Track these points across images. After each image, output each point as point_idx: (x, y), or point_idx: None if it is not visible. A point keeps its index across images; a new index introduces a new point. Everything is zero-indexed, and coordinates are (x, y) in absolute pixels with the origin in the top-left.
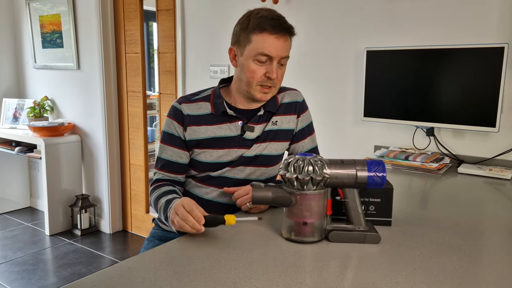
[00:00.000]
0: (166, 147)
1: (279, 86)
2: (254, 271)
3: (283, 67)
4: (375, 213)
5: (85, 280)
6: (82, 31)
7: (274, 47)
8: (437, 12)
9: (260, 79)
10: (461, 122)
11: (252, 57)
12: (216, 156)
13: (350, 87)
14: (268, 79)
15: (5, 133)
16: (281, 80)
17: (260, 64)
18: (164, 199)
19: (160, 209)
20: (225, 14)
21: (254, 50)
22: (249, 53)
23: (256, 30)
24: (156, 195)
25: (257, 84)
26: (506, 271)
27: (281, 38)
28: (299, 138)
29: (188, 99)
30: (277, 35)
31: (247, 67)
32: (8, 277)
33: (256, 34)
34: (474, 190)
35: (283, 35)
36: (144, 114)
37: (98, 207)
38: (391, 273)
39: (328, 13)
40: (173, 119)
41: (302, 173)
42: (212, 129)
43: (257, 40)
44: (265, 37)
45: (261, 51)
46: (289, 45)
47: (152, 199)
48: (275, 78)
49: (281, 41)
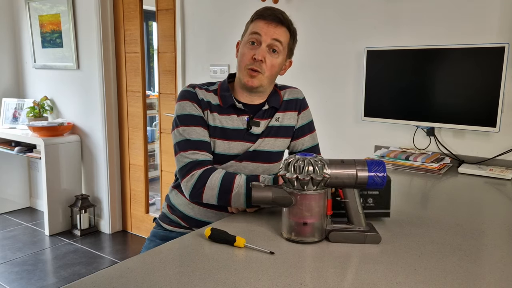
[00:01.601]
0: (192, 128)
1: (268, 75)
2: (254, 271)
3: (276, 57)
4: (374, 206)
5: (85, 280)
6: (82, 30)
7: (264, 29)
8: (438, 12)
9: (248, 62)
10: (462, 122)
11: (246, 41)
12: (223, 147)
13: (350, 87)
14: (255, 61)
15: (4, 133)
16: (272, 70)
17: (250, 48)
18: (241, 177)
19: (241, 186)
20: (225, 14)
21: (247, 34)
22: (244, 39)
23: (253, 19)
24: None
25: (246, 68)
26: (506, 271)
27: (273, 23)
28: (298, 135)
29: (200, 87)
30: (269, 20)
31: (240, 52)
32: (7, 277)
33: (253, 22)
34: (474, 190)
35: (275, 21)
36: (144, 114)
37: (97, 207)
38: (392, 273)
39: (328, 13)
40: (190, 101)
41: (302, 173)
42: (220, 119)
43: (251, 26)
44: (258, 22)
45: (252, 30)
46: (282, 33)
47: (217, 182)
48: (262, 61)
49: (272, 26)
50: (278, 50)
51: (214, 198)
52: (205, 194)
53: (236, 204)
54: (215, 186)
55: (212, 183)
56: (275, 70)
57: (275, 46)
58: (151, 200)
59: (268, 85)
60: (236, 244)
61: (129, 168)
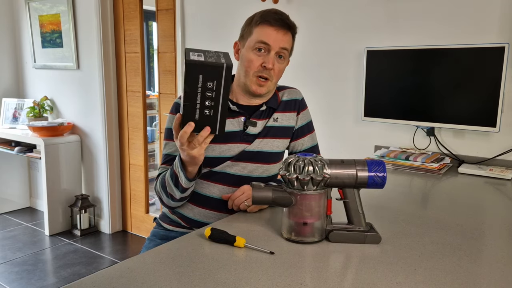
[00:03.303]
0: (171, 142)
1: (276, 81)
2: (254, 271)
3: (282, 62)
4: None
5: (85, 280)
6: (82, 30)
7: (273, 37)
8: (437, 12)
9: (257, 69)
10: (462, 122)
11: (252, 47)
12: (218, 151)
13: (350, 87)
14: (265, 69)
15: (4, 133)
16: (279, 75)
17: (258, 54)
18: (167, 172)
19: (170, 178)
20: (225, 13)
21: (254, 39)
22: (249, 44)
23: (258, 22)
24: (159, 180)
25: (254, 75)
26: (506, 271)
27: (281, 30)
28: (298, 135)
29: None
30: (277, 27)
31: (246, 57)
32: (7, 278)
33: (258, 26)
34: (474, 190)
35: (283, 28)
36: (144, 114)
37: (97, 207)
38: (392, 273)
39: (328, 13)
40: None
41: (303, 173)
42: None
43: (257, 31)
44: (265, 28)
45: (260, 39)
46: (289, 40)
47: (159, 188)
48: (272, 69)
49: (280, 34)
50: (285, 56)
51: (167, 200)
52: (164, 201)
53: (175, 194)
54: (160, 191)
55: (158, 190)
56: (281, 75)
57: (282, 53)
58: (151, 200)
59: (273, 89)
60: (236, 244)
61: (129, 168)
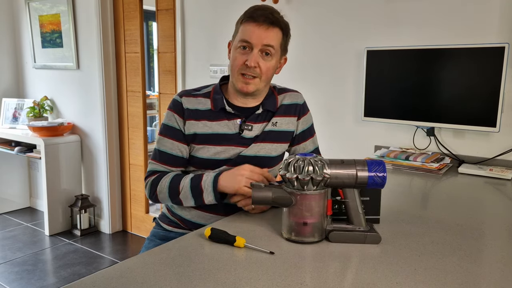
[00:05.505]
0: (166, 139)
1: (265, 79)
2: (254, 271)
3: (269, 60)
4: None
5: (85, 280)
6: (82, 30)
7: (255, 34)
8: (437, 12)
9: (240, 67)
10: (462, 122)
11: (236, 46)
12: (213, 152)
13: (350, 87)
14: (247, 67)
15: (4, 133)
16: (267, 73)
17: (242, 52)
18: (186, 179)
19: (190, 189)
20: (225, 13)
21: (238, 38)
22: (235, 43)
23: (242, 20)
24: (168, 180)
25: (238, 73)
26: (506, 271)
27: (263, 26)
28: (300, 140)
29: (189, 93)
30: (259, 23)
31: (232, 56)
32: (7, 278)
33: (242, 24)
34: (474, 190)
35: (266, 24)
36: (144, 114)
37: (97, 207)
38: (392, 273)
39: (328, 13)
40: (174, 111)
41: (302, 173)
42: (210, 125)
43: (241, 29)
44: (248, 25)
45: (242, 37)
46: (274, 36)
47: (165, 187)
48: (255, 67)
49: (262, 29)
50: (271, 53)
51: (167, 200)
52: (160, 198)
53: (188, 203)
54: (164, 190)
55: (162, 187)
56: (270, 73)
57: (267, 50)
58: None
59: (264, 87)
60: (236, 244)
61: (129, 168)
